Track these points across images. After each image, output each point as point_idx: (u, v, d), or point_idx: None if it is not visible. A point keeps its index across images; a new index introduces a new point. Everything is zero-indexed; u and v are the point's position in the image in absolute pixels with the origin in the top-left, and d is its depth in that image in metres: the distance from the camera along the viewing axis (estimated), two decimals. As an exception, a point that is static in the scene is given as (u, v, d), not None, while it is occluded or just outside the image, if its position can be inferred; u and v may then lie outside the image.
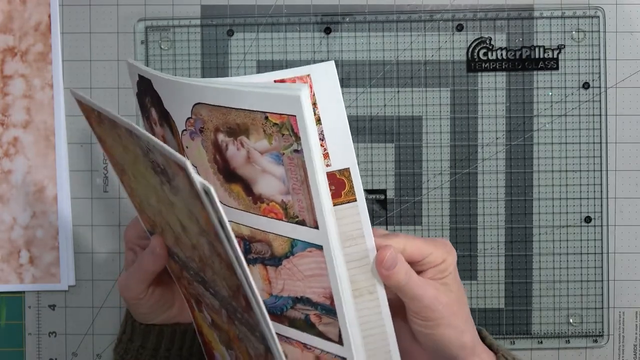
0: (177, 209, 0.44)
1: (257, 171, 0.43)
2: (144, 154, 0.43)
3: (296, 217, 0.43)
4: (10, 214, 0.65)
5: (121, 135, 0.46)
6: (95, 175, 0.66)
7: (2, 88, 0.65)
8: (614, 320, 0.65)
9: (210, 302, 0.49)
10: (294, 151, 0.41)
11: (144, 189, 0.48)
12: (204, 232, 0.41)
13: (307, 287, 0.45)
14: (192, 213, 0.41)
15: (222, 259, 0.41)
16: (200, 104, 0.44)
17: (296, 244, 0.44)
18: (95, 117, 0.49)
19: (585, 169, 0.65)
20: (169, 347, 0.57)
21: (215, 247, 0.41)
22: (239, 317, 0.46)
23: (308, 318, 0.47)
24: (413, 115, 0.65)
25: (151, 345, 0.56)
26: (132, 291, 0.53)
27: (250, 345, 0.47)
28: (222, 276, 0.44)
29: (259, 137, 0.42)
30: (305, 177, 0.41)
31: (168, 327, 0.57)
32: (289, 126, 0.40)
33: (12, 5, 0.65)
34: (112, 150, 0.50)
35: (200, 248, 0.44)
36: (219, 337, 0.53)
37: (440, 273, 0.48)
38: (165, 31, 0.65)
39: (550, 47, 0.65)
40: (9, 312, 0.66)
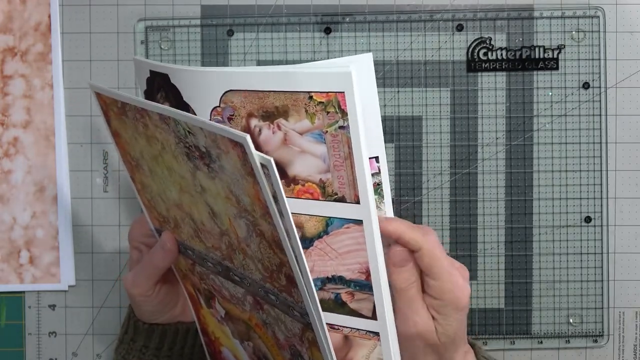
0: (210, 195, 0.44)
1: (293, 152, 0.45)
2: (178, 140, 0.44)
3: (335, 194, 0.44)
4: (10, 214, 0.65)
5: (149, 124, 0.46)
6: (95, 175, 0.66)
7: (2, 88, 0.65)
8: (614, 320, 0.65)
9: (230, 292, 0.50)
10: (339, 127, 0.42)
11: (161, 182, 0.49)
12: (245, 212, 0.42)
13: (341, 265, 0.46)
14: (232, 194, 0.42)
15: (264, 238, 0.42)
16: (232, 91, 0.45)
17: (332, 222, 0.45)
18: (117, 109, 0.49)
19: (585, 169, 0.65)
20: (171, 347, 0.57)
21: (259, 226, 0.42)
22: (272, 300, 0.46)
23: (339, 297, 0.47)
24: (413, 115, 0.65)
25: (154, 344, 0.56)
26: (140, 288, 0.53)
27: (281, 327, 0.47)
28: (259, 258, 0.44)
29: (299, 118, 0.43)
30: (349, 153, 0.43)
31: (171, 327, 0.57)
32: (336, 103, 0.42)
33: (12, 5, 0.65)
34: (128, 145, 0.50)
35: (232, 233, 0.45)
36: (232, 330, 0.53)
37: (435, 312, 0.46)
38: (165, 31, 0.65)
39: (550, 47, 0.65)
40: (9, 312, 0.66)
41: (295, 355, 0.49)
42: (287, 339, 0.48)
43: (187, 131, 0.43)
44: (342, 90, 0.41)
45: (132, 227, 0.56)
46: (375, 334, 0.47)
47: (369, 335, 0.47)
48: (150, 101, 0.45)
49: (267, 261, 0.44)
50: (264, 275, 0.45)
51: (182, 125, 0.43)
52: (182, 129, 0.43)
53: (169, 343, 0.57)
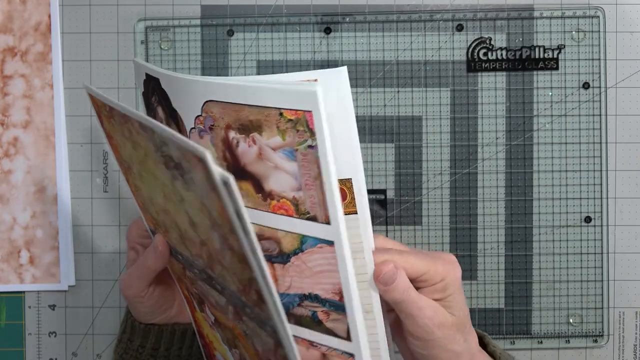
0: (188, 204, 0.44)
1: (268, 167, 0.44)
2: (156, 149, 0.44)
3: (307, 213, 0.44)
4: (10, 214, 0.65)
5: (132, 130, 0.46)
6: (95, 175, 0.66)
7: (2, 88, 0.65)
8: (614, 320, 0.65)
9: (216, 300, 0.50)
10: (308, 147, 0.42)
11: (150, 187, 0.49)
12: (216, 226, 0.42)
13: (316, 284, 0.46)
14: (205, 206, 0.41)
15: (234, 252, 0.42)
16: (212, 102, 0.44)
17: (306, 240, 0.45)
18: (106, 112, 0.49)
19: (585, 169, 0.65)
20: (168, 347, 0.57)
21: (228, 240, 0.41)
22: (248, 312, 0.46)
23: (315, 315, 0.47)
24: (413, 115, 0.65)
25: (150, 344, 0.56)
26: (133, 289, 0.53)
27: (259, 340, 0.47)
28: (233, 270, 0.44)
29: (272, 134, 0.42)
30: (318, 173, 0.42)
31: (168, 327, 0.57)
32: (304, 122, 0.41)
33: (12, 5, 0.65)
34: (120, 147, 0.50)
35: (210, 243, 0.44)
36: (222, 336, 0.53)
37: (439, 293, 0.47)
38: (165, 31, 0.65)
39: (550, 47, 0.65)
40: (9, 312, 0.66)
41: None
42: (264, 352, 0.47)
43: (161, 142, 0.42)
44: (309, 110, 0.40)
45: (130, 228, 0.56)
46: (351, 354, 0.46)
47: (345, 356, 0.47)
48: (129, 108, 0.44)
49: (239, 275, 0.43)
50: (239, 287, 0.45)
51: (157, 135, 0.42)
52: (157, 139, 0.43)
53: (166, 343, 0.57)
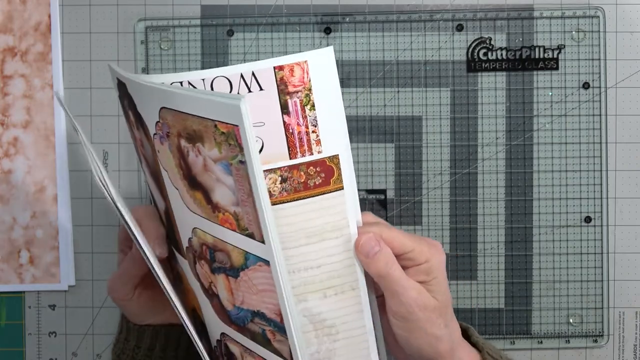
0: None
1: (212, 179, 0.43)
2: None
3: (246, 229, 0.42)
4: (10, 214, 0.65)
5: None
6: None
7: (2, 88, 0.65)
8: (614, 320, 0.65)
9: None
10: (239, 162, 0.40)
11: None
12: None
13: (261, 302, 0.44)
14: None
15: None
16: (165, 109, 0.43)
17: (249, 257, 0.43)
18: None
19: (585, 169, 0.65)
20: (164, 348, 0.57)
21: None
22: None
23: (265, 333, 0.46)
24: (413, 115, 0.65)
25: (146, 345, 0.56)
26: (118, 292, 0.54)
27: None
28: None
29: (211, 145, 0.41)
30: (250, 190, 0.40)
31: (163, 328, 0.57)
32: (233, 136, 0.39)
33: (12, 5, 0.65)
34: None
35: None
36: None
37: (424, 275, 0.47)
38: (165, 31, 0.65)
39: (550, 47, 0.65)
40: (9, 312, 0.66)
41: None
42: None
43: None
44: (235, 124, 0.38)
45: (121, 230, 0.56)
46: None
47: None
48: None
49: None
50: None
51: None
52: None
53: (161, 344, 0.57)
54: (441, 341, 0.47)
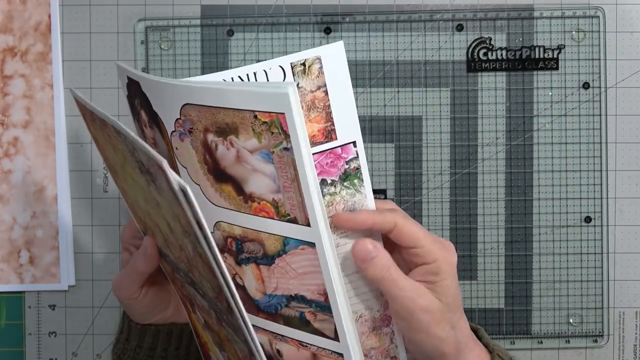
0: (164, 209, 0.44)
1: (247, 170, 0.44)
2: (130, 153, 0.43)
3: (287, 215, 0.43)
4: (10, 214, 0.65)
5: (110, 135, 0.46)
6: (95, 175, 0.66)
7: (2, 88, 0.65)
8: (614, 320, 0.65)
9: (201, 303, 0.49)
10: (283, 149, 0.41)
11: (133, 189, 0.48)
12: (186, 233, 0.41)
13: (301, 285, 0.46)
14: (175, 213, 0.41)
15: (203, 260, 0.41)
16: (189, 105, 0.44)
17: (288, 242, 0.45)
18: (89, 116, 0.49)
19: (585, 169, 0.65)
20: (165, 347, 0.57)
21: (197, 247, 0.41)
22: (225, 319, 0.46)
23: (303, 316, 0.47)
24: (413, 115, 0.65)
25: (147, 345, 0.56)
26: (125, 291, 0.54)
27: (238, 346, 0.47)
28: (206, 277, 0.44)
29: (248, 136, 0.42)
30: (295, 175, 0.42)
31: (164, 327, 0.57)
32: (278, 124, 0.41)
33: (12, 5, 0.65)
34: (105, 150, 0.50)
35: (185, 249, 0.44)
36: (211, 338, 0.53)
37: (431, 275, 0.46)
38: (165, 31, 0.65)
39: (550, 47, 0.65)
40: (9, 312, 0.66)
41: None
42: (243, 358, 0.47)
43: (132, 147, 0.42)
44: (281, 112, 0.40)
45: (123, 229, 0.57)
46: (340, 354, 0.46)
47: (335, 355, 0.47)
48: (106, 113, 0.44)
49: (211, 282, 0.43)
50: (214, 294, 0.45)
51: (128, 140, 0.42)
52: (129, 144, 0.42)
53: (163, 343, 0.57)
54: (445, 343, 0.47)
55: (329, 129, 0.45)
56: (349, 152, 0.45)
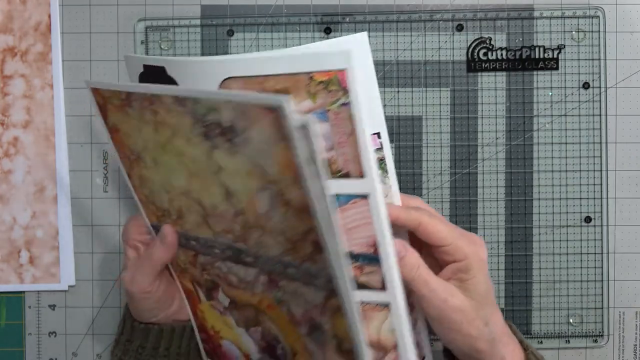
0: (228, 173, 0.45)
1: None
2: (195, 121, 0.45)
3: (339, 171, 0.46)
4: (10, 214, 0.65)
5: (159, 110, 0.46)
6: (95, 175, 0.66)
7: (2, 88, 0.65)
8: (614, 320, 0.65)
9: (240, 277, 0.50)
10: (341, 105, 0.44)
11: (167, 171, 0.49)
12: (270, 184, 0.43)
13: (349, 240, 0.47)
14: (256, 167, 0.43)
15: (290, 206, 0.43)
16: (231, 79, 0.46)
17: (338, 199, 0.47)
18: (118, 103, 0.49)
19: (585, 169, 0.65)
20: (167, 346, 0.57)
21: (286, 195, 0.43)
22: (291, 273, 0.47)
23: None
24: (413, 115, 0.65)
25: (151, 344, 0.56)
26: (139, 285, 0.53)
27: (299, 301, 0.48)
28: (281, 230, 0.45)
29: (301, 98, 0.45)
30: (352, 129, 0.44)
31: (167, 326, 0.57)
32: (337, 81, 0.43)
33: (12, 5, 0.65)
34: (129, 138, 0.51)
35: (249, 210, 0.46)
36: (237, 319, 0.53)
37: (462, 273, 0.46)
38: (165, 31, 0.65)
39: (550, 47, 0.65)
40: (9, 312, 0.66)
41: (313, 328, 0.49)
42: (306, 312, 0.48)
43: (208, 109, 0.44)
44: (343, 68, 0.43)
45: (128, 226, 0.56)
46: (385, 305, 0.47)
47: (379, 307, 0.48)
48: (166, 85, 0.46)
49: (290, 232, 0.45)
50: (286, 247, 0.46)
51: (204, 103, 0.44)
52: (201, 108, 0.44)
53: (166, 342, 0.57)
54: (479, 340, 0.47)
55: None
56: (374, 143, 0.47)
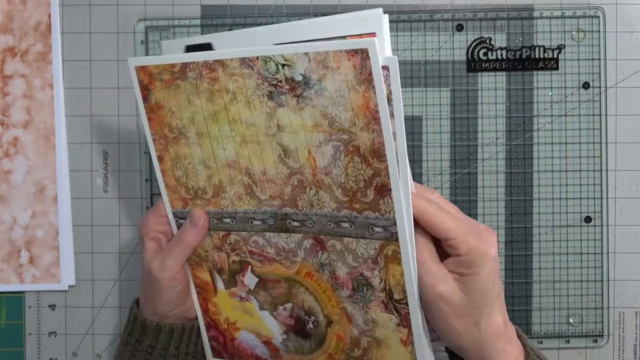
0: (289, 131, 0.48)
1: None
2: (262, 81, 0.48)
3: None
4: (10, 214, 0.65)
5: (219, 77, 0.49)
6: (95, 175, 0.66)
7: (2, 88, 0.65)
8: (614, 320, 0.65)
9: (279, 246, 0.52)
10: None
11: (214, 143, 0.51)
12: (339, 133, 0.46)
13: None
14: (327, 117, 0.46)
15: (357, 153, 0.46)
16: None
17: None
18: (169, 77, 0.51)
19: (585, 169, 0.65)
20: (177, 345, 0.57)
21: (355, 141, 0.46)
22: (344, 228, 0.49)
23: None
24: (413, 115, 0.65)
25: (161, 344, 0.56)
26: (170, 270, 0.54)
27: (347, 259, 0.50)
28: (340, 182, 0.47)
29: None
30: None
31: (178, 325, 0.57)
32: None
33: (12, 5, 0.65)
34: (172, 115, 0.52)
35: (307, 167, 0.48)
36: (262, 301, 0.55)
37: (463, 267, 0.45)
38: (165, 31, 0.65)
39: (550, 47, 0.65)
40: (9, 312, 0.66)
41: (359, 286, 0.50)
42: (353, 270, 0.50)
43: (281, 65, 0.46)
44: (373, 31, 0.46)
45: (146, 219, 0.56)
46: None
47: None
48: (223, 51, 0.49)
49: (352, 182, 0.47)
50: (343, 200, 0.48)
51: (276, 60, 0.46)
52: (273, 66, 0.47)
53: (176, 342, 0.57)
54: (463, 337, 0.46)
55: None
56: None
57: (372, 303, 0.50)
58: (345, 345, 0.53)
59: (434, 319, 0.47)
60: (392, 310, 0.49)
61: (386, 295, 0.49)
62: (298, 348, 0.55)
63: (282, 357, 0.56)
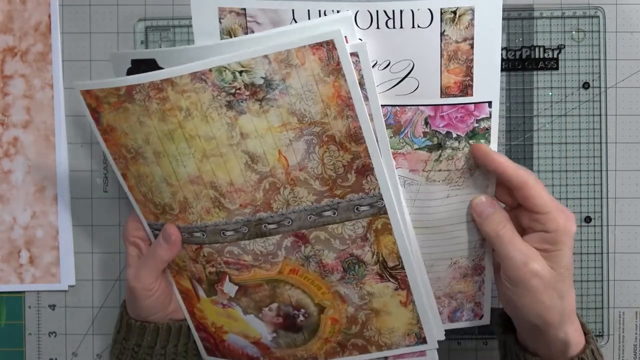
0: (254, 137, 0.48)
1: None
2: (218, 92, 0.47)
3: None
4: (10, 214, 0.65)
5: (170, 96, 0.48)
6: (95, 175, 0.66)
7: (2, 88, 0.65)
8: (614, 320, 0.65)
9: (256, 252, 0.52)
10: None
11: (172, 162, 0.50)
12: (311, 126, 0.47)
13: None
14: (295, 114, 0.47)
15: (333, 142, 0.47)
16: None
17: None
18: (116, 100, 0.50)
19: (585, 169, 0.65)
20: (164, 345, 0.57)
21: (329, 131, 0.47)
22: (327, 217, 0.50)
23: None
24: (413, 115, 0.65)
25: (147, 343, 0.56)
26: (143, 282, 0.54)
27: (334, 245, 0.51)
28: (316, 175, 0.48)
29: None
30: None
31: (163, 325, 0.57)
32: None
33: (12, 5, 0.65)
34: (126, 136, 0.51)
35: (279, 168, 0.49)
36: (245, 306, 0.55)
37: (548, 244, 0.46)
38: (165, 31, 0.65)
39: (550, 47, 0.65)
40: (9, 312, 0.66)
41: (350, 266, 0.52)
42: (341, 254, 0.51)
43: (238, 72, 0.46)
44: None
45: (127, 225, 0.57)
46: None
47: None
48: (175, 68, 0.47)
49: (330, 170, 0.48)
50: (322, 191, 0.49)
51: (232, 68, 0.46)
52: (229, 75, 0.46)
53: (162, 341, 0.57)
54: (550, 311, 0.47)
55: (467, 83, 0.47)
56: (482, 111, 0.47)
57: (366, 278, 0.52)
58: (342, 326, 0.54)
59: (522, 297, 0.47)
60: (388, 278, 0.52)
61: (380, 266, 0.51)
62: (290, 342, 0.55)
63: (274, 354, 0.56)
